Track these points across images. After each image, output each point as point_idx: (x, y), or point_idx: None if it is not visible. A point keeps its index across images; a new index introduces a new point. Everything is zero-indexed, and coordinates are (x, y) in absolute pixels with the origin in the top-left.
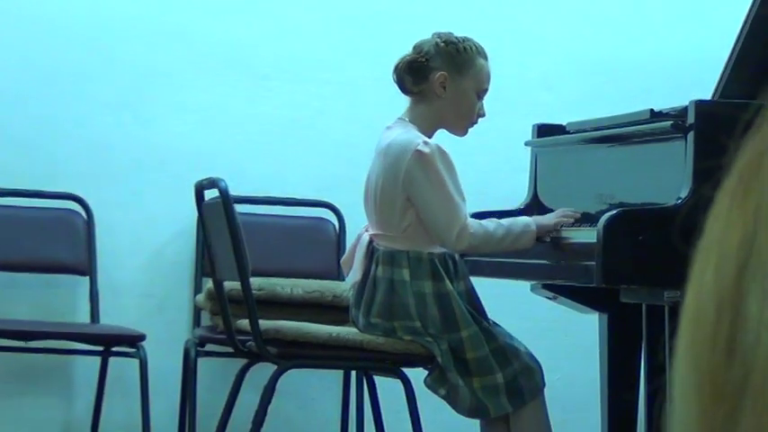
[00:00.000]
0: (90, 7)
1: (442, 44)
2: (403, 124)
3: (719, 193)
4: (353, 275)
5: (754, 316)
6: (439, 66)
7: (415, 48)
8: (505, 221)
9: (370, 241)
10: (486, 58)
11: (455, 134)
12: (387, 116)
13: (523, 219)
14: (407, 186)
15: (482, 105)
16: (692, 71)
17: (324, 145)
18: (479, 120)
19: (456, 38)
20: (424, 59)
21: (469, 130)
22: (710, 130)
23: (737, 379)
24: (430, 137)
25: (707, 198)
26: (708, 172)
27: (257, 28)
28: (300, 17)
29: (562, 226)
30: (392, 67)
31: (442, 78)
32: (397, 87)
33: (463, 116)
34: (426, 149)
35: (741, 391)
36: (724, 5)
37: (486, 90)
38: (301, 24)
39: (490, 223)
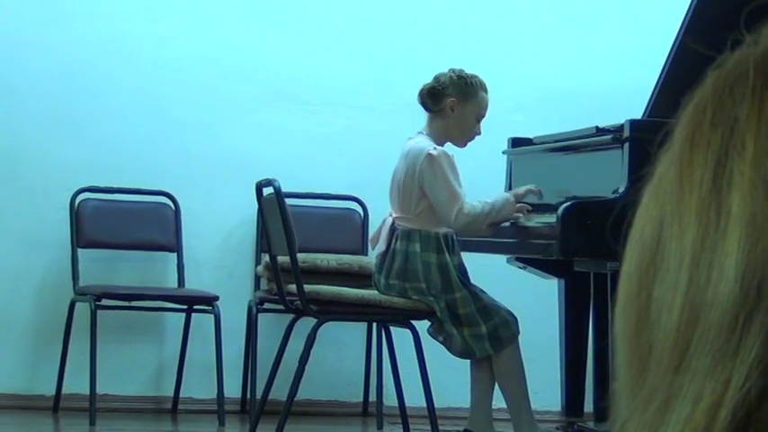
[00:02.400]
0: (179, 47)
1: (456, 77)
2: (421, 135)
3: (643, 195)
4: (379, 247)
5: (658, 298)
6: (451, 93)
7: (435, 78)
8: (490, 198)
9: (393, 222)
10: (486, 91)
11: (457, 146)
12: (398, 132)
13: (503, 194)
14: (421, 180)
15: (479, 127)
16: (628, 96)
17: (351, 153)
18: (475, 138)
19: (466, 74)
20: (440, 87)
21: (468, 144)
22: (641, 142)
23: (645, 347)
24: (441, 146)
25: (639, 193)
26: (639, 173)
27: (302, 65)
28: (335, 57)
29: (526, 211)
30: (414, 93)
31: (452, 103)
32: (417, 107)
33: (464, 134)
34: (435, 153)
35: (648, 356)
36: (652, 47)
37: (483, 116)
38: (335, 62)
39: (479, 203)
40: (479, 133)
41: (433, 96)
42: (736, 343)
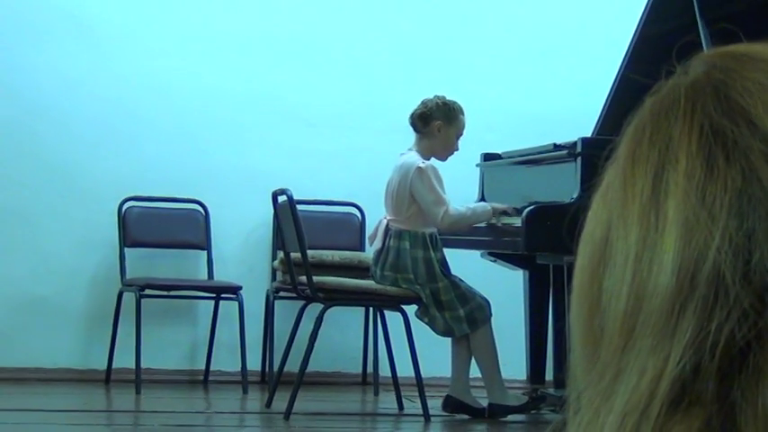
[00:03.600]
0: (206, 79)
1: (441, 103)
2: (410, 152)
3: (593, 200)
4: (376, 245)
5: (608, 288)
6: (437, 117)
7: (423, 104)
8: (472, 205)
9: (387, 224)
10: (463, 114)
11: (439, 160)
12: (390, 148)
13: (483, 204)
14: (411, 188)
15: (457, 144)
16: (580, 118)
17: (351, 167)
18: (454, 153)
19: (448, 100)
20: (429, 112)
21: (449, 158)
22: (591, 156)
23: (597, 329)
24: (428, 160)
25: (589, 199)
26: (589, 182)
27: (309, 93)
28: (337, 86)
29: (503, 214)
30: (402, 117)
31: (439, 125)
32: (406, 127)
33: (447, 150)
34: (423, 166)
35: (599, 337)
36: (599, 77)
37: (461, 134)
38: (337, 91)
39: (462, 207)
40: (457, 149)
41: (422, 119)
42: (673, 326)
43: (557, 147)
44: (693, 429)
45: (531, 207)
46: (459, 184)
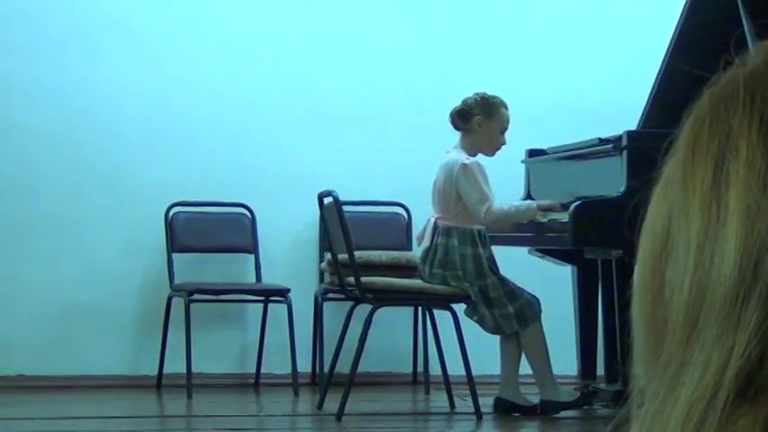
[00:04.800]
0: (251, 82)
1: (479, 99)
2: (456, 150)
3: (653, 193)
4: (424, 244)
5: (670, 280)
6: (477, 113)
7: (463, 101)
8: (516, 203)
9: (435, 222)
10: (506, 108)
11: (487, 155)
12: (434, 147)
13: (527, 201)
14: (457, 185)
15: (504, 138)
16: (625, 111)
17: (396, 167)
18: (502, 147)
19: (488, 95)
20: (468, 108)
21: (496, 153)
22: (636, 149)
23: (660, 322)
24: (473, 156)
25: (636, 192)
26: (636, 175)
27: (354, 94)
28: (381, 87)
29: (548, 210)
30: (446, 115)
31: (479, 121)
32: (451, 126)
33: (492, 145)
34: (468, 162)
35: (663, 330)
36: (643, 68)
37: (506, 128)
38: (382, 91)
39: (506, 205)
40: (505, 143)
41: (461, 116)
42: (737, 315)
43: (602, 141)
44: (760, 419)
45: (578, 202)
46: (505, 181)
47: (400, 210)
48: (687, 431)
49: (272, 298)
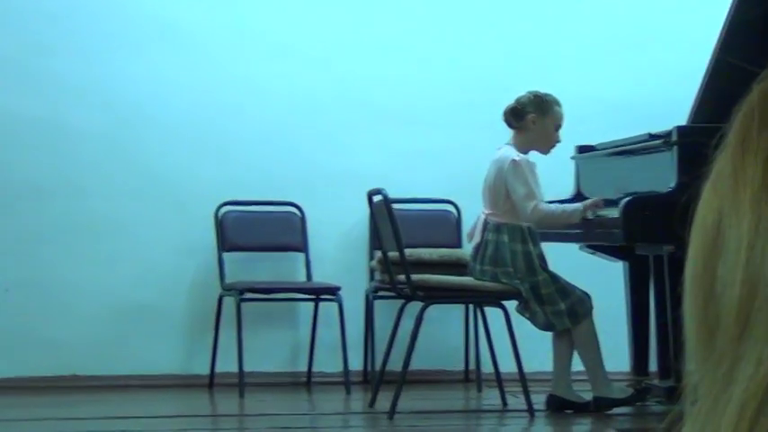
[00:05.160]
0: (302, 81)
1: (533, 97)
2: (507, 146)
3: (704, 189)
4: (475, 240)
5: (721, 277)
6: (530, 110)
7: (516, 99)
8: (563, 205)
9: (485, 219)
10: (560, 105)
11: (541, 153)
12: (484, 145)
13: (574, 204)
14: (506, 181)
15: (558, 136)
16: (674, 106)
17: (446, 164)
18: (557, 144)
19: (541, 93)
20: (521, 107)
21: (551, 151)
22: (686, 144)
23: (712, 318)
24: (525, 154)
25: (687, 187)
26: (686, 171)
27: (404, 92)
28: (431, 84)
29: (594, 207)
30: (496, 113)
31: (533, 118)
32: (500, 124)
33: (546, 143)
34: (518, 159)
35: (715, 326)
36: (692, 63)
37: (560, 126)
38: (431, 89)
39: (552, 205)
40: (559, 140)
41: (515, 115)
42: None
43: (652, 136)
44: None
45: (629, 198)
46: (555, 177)
47: (450, 207)
48: (741, 429)
49: (323, 296)
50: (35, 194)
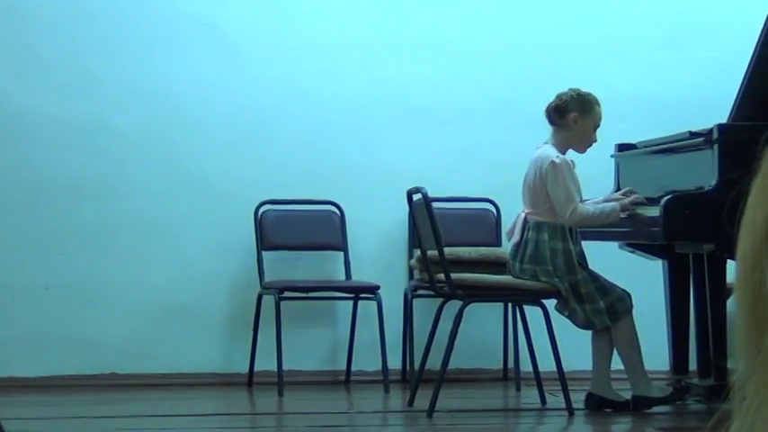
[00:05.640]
0: (339, 81)
1: (576, 95)
2: (546, 145)
3: (752, 186)
4: (514, 238)
5: None
6: (573, 109)
7: (558, 97)
8: (601, 205)
9: (525, 217)
10: (600, 105)
11: (578, 152)
12: (522, 143)
13: (612, 203)
14: (545, 181)
15: (596, 136)
16: (714, 104)
17: (485, 163)
18: (593, 144)
19: (583, 91)
20: (564, 104)
21: (587, 150)
22: (728, 142)
23: (761, 316)
24: (564, 153)
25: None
26: (727, 169)
27: (442, 92)
28: (468, 84)
29: (634, 204)
30: (534, 111)
31: (574, 117)
32: (539, 122)
33: (585, 142)
34: (558, 161)
35: (764, 324)
36: (732, 62)
37: (598, 126)
38: (468, 88)
39: (591, 206)
40: (596, 140)
41: (558, 112)
42: None
43: (692, 134)
44: None
45: (670, 196)
46: (595, 176)
47: (489, 206)
48: None
49: (362, 295)
50: (76, 194)
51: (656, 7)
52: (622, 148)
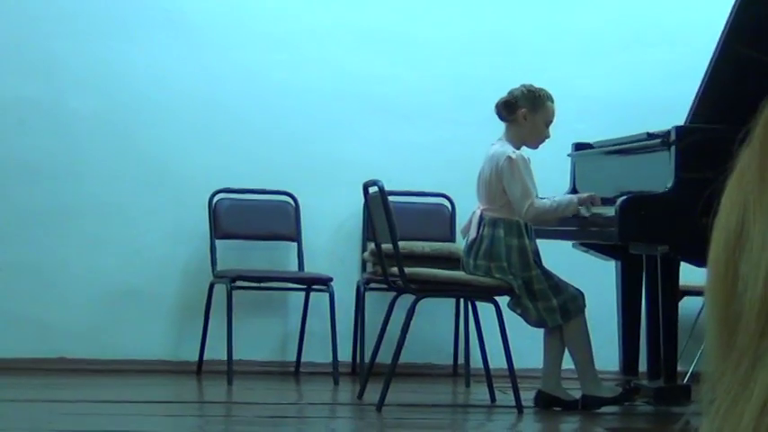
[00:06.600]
0: (299, 72)
1: (526, 91)
2: (501, 141)
3: (727, 186)
4: (471, 235)
5: (744, 274)
6: (523, 104)
7: (509, 93)
8: (557, 198)
9: (481, 214)
10: (552, 101)
11: (531, 148)
12: (479, 141)
13: (568, 196)
14: (501, 177)
15: (548, 132)
16: (671, 106)
17: (441, 158)
18: (546, 140)
19: (535, 87)
20: (514, 100)
21: (540, 146)
22: (685, 144)
23: (733, 316)
24: (518, 149)
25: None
26: (683, 171)
27: (401, 87)
28: (427, 80)
29: (592, 203)
30: (491, 110)
31: (524, 113)
32: (496, 118)
33: (536, 138)
34: (514, 156)
35: (736, 324)
36: (690, 65)
37: (551, 121)
38: (427, 84)
39: (547, 201)
40: (549, 136)
41: (507, 108)
42: None
43: (650, 136)
44: None
45: (626, 197)
46: (551, 174)
47: (444, 201)
48: (761, 428)
49: (315, 286)
50: (30, 175)
51: (618, 8)
52: (579, 147)
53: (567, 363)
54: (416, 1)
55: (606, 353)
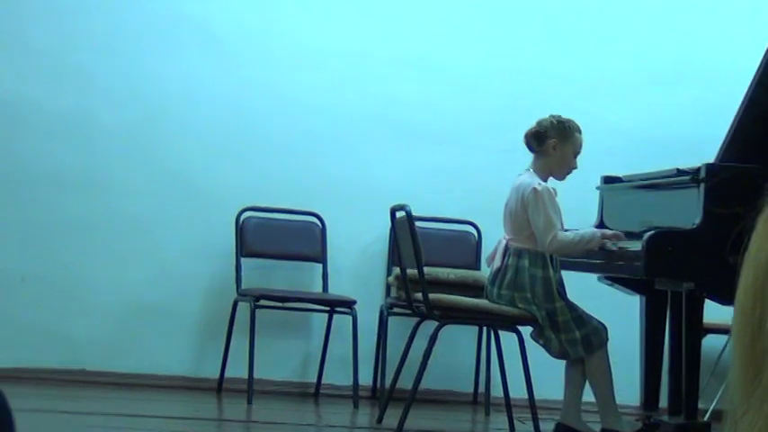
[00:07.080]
0: (328, 93)
1: (555, 122)
2: (528, 172)
3: (758, 222)
4: (495, 264)
5: None
6: (552, 135)
7: (537, 123)
8: (581, 232)
9: (506, 244)
10: (580, 132)
11: (558, 179)
12: (507, 168)
13: (592, 230)
14: (527, 208)
15: (576, 163)
16: (702, 144)
17: (469, 185)
18: (573, 171)
19: (563, 118)
20: (543, 130)
21: (567, 177)
22: (715, 182)
23: (760, 353)
24: (545, 180)
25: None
26: (712, 208)
27: (431, 111)
28: (457, 105)
29: (616, 239)
30: (520, 137)
31: (554, 143)
32: (526, 148)
33: (563, 169)
34: (540, 188)
35: (762, 361)
36: (722, 103)
37: (579, 153)
38: (458, 110)
39: (571, 233)
40: (576, 167)
41: (537, 138)
42: None
43: (679, 172)
44: None
45: (653, 231)
46: (579, 207)
47: (471, 228)
48: None
49: (338, 309)
50: (58, 186)
51: (649, 45)
52: (608, 180)
53: (588, 395)
54: (451, 29)
55: (627, 387)
